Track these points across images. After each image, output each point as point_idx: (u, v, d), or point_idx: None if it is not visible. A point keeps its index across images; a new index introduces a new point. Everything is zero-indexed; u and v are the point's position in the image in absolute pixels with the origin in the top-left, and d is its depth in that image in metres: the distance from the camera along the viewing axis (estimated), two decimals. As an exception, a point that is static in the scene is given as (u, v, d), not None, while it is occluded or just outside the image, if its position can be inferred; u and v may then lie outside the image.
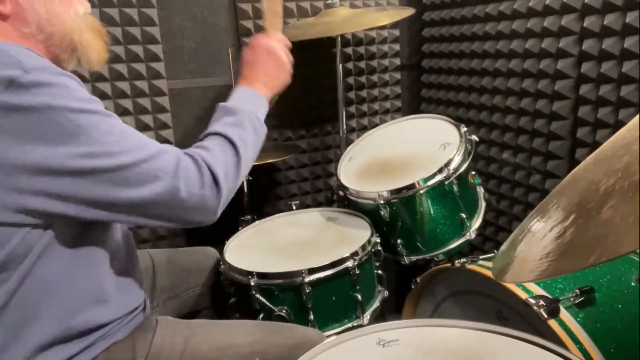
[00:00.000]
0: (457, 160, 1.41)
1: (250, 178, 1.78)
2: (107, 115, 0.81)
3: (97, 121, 0.78)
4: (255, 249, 1.40)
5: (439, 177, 1.38)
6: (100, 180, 0.77)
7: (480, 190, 1.55)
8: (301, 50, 2.10)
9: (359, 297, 1.28)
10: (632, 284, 1.12)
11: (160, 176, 0.81)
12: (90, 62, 0.93)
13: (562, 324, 1.02)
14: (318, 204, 2.28)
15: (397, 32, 2.29)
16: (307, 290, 1.21)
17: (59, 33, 0.86)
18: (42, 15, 0.83)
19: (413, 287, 1.46)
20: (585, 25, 1.52)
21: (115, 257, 0.94)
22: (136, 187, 0.80)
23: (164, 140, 1.92)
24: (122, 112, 1.85)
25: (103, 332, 0.90)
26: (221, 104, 1.03)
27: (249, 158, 0.98)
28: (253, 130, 1.00)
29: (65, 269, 0.84)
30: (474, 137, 1.49)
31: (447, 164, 1.39)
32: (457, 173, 1.40)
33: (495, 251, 1.02)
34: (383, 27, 2.25)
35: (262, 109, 1.08)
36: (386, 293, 1.41)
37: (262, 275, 1.23)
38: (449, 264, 1.32)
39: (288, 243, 1.42)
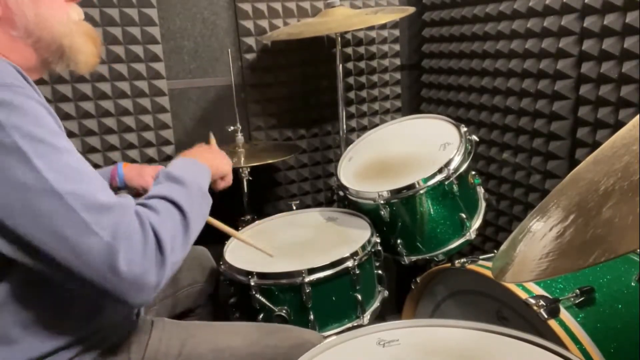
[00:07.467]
0: (457, 160, 1.41)
1: (250, 178, 1.77)
2: (63, 151, 0.73)
3: (47, 152, 0.71)
4: (255, 249, 1.40)
5: (439, 177, 1.38)
6: (26, 214, 0.69)
7: (480, 190, 1.56)
8: (301, 50, 2.14)
9: (359, 297, 1.29)
10: (632, 284, 1.12)
11: (99, 234, 0.70)
12: (78, 66, 0.92)
13: (562, 324, 1.02)
14: (318, 204, 2.29)
15: (397, 32, 2.29)
16: (307, 290, 1.21)
17: (48, 37, 0.85)
18: (31, 19, 0.82)
19: (413, 287, 1.46)
20: (585, 25, 1.52)
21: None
22: (65, 236, 0.69)
23: (164, 141, 1.93)
24: (122, 112, 1.85)
25: (98, 337, 0.89)
26: (164, 169, 0.91)
27: (196, 231, 0.85)
28: (200, 202, 0.89)
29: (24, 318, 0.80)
30: (474, 137, 1.49)
31: (447, 164, 1.39)
32: (457, 173, 1.40)
33: (495, 251, 1.02)
34: (383, 27, 2.26)
35: (206, 181, 0.97)
36: (386, 293, 1.42)
37: (262, 275, 1.23)
38: (449, 264, 1.32)
39: (288, 243, 1.42)
